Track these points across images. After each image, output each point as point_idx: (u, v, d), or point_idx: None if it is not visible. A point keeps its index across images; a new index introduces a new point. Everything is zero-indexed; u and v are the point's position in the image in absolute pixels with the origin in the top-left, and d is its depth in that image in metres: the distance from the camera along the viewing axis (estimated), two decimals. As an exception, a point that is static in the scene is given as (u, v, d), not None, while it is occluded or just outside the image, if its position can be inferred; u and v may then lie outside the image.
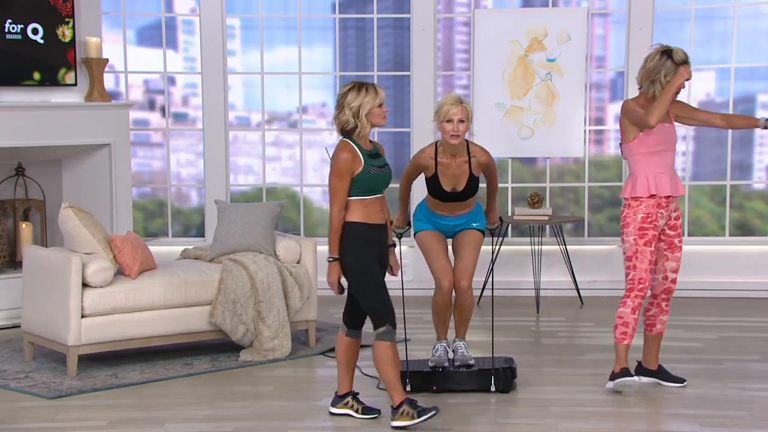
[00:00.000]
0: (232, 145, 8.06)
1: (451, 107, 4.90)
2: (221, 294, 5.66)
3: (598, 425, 4.41)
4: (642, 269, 4.86)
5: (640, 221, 4.85)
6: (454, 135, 4.90)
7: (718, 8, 7.70)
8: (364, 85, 4.32)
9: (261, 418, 4.58)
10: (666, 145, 4.89)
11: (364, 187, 4.32)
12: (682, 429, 4.45)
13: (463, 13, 7.97)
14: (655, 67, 4.83)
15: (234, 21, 8.09)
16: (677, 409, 4.71)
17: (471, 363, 5.05)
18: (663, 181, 4.86)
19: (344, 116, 4.31)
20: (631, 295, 4.88)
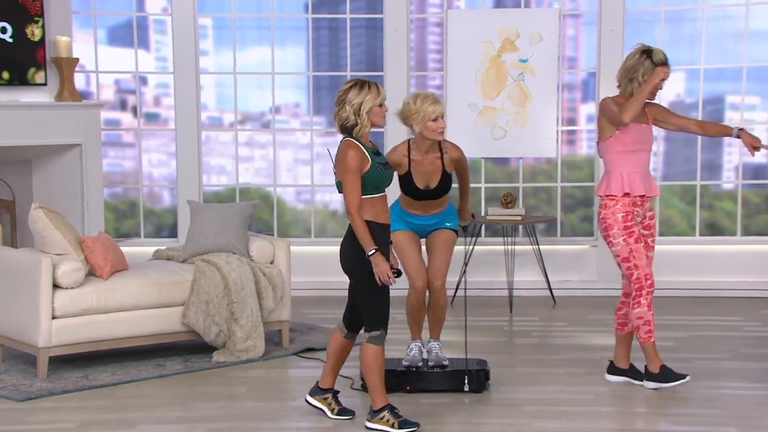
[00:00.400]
0: (204, 146, 8.02)
1: (432, 106, 4.92)
2: (194, 295, 5.62)
3: (570, 424, 4.42)
4: (642, 266, 4.88)
5: (622, 220, 4.87)
6: (441, 132, 4.95)
7: (687, 10, 7.76)
8: (367, 83, 4.27)
9: (234, 419, 4.55)
10: (642, 145, 4.91)
11: (372, 186, 4.27)
12: (653, 427, 4.48)
13: (436, 13, 7.97)
14: (633, 66, 4.86)
15: (206, 21, 8.04)
16: (649, 407, 4.73)
17: (445, 363, 5.05)
18: (637, 180, 4.89)
19: (345, 113, 4.24)
20: (642, 293, 4.90)
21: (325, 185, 8.15)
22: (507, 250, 7.39)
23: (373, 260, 4.20)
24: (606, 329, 6.42)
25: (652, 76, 4.80)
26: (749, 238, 7.77)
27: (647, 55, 4.84)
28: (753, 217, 7.83)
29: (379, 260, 4.19)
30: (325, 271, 7.94)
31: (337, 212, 8.22)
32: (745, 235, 7.76)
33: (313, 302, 7.47)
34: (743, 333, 6.27)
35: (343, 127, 4.28)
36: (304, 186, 8.15)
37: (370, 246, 4.20)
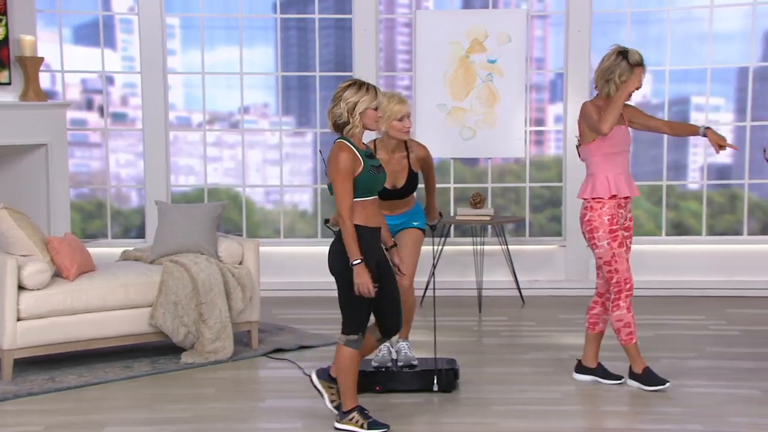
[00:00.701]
0: (172, 146, 7.96)
1: (398, 106, 4.93)
2: (162, 295, 5.58)
3: (539, 424, 4.43)
4: (623, 270, 4.92)
5: (608, 223, 4.89)
6: (406, 131, 4.96)
7: (653, 12, 7.83)
8: (365, 84, 4.21)
9: (203, 421, 4.52)
10: (622, 147, 4.93)
11: (363, 188, 4.21)
12: (619, 426, 4.50)
13: (405, 14, 7.97)
14: (610, 67, 4.87)
15: (173, 20, 7.99)
16: (615, 406, 4.75)
17: (414, 363, 5.05)
18: (622, 182, 4.91)
19: (339, 110, 4.18)
20: (621, 296, 4.94)
21: (294, 185, 8.13)
22: (476, 251, 7.41)
23: (355, 270, 4.13)
24: (574, 329, 6.46)
25: (628, 83, 4.81)
26: (714, 237, 7.84)
27: (623, 56, 4.85)
28: (717, 217, 7.91)
29: (361, 271, 4.12)
30: (295, 271, 7.95)
31: (307, 212, 8.19)
32: (710, 234, 7.84)
33: (283, 303, 7.44)
34: (708, 332, 6.32)
35: (336, 125, 4.22)
36: (273, 186, 8.12)
37: (356, 255, 4.13)
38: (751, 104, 7.67)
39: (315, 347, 5.98)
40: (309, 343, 6.05)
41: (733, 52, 7.72)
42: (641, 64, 4.85)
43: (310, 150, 8.09)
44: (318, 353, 5.82)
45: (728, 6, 7.66)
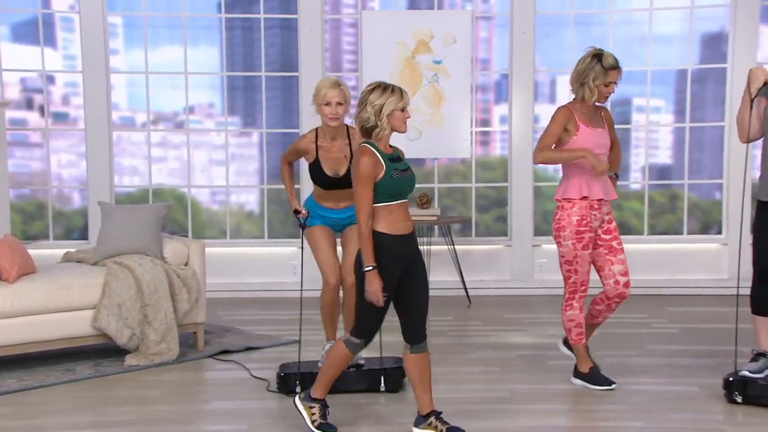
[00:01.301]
0: (116, 146, 7.86)
1: (328, 90, 4.89)
2: (106, 297, 5.49)
3: (486, 423, 4.44)
4: (583, 272, 4.95)
5: (576, 224, 4.90)
6: (333, 117, 4.91)
7: (594, 14, 7.92)
8: (390, 86, 4.12)
9: (148, 424, 4.46)
10: (599, 149, 4.91)
11: (387, 193, 4.06)
12: (564, 424, 4.53)
13: (350, 14, 7.96)
14: (584, 70, 4.87)
15: (116, 19, 7.88)
16: (560, 404, 4.79)
17: (361, 363, 5.03)
18: (595, 184, 4.92)
19: (366, 114, 4.06)
20: (575, 297, 4.99)
21: (240, 186, 8.07)
22: (423, 250, 7.40)
23: (367, 277, 4.00)
24: (520, 328, 6.51)
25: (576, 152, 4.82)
26: (655, 237, 7.96)
27: (598, 59, 4.85)
28: (658, 217, 8.03)
29: (373, 279, 3.99)
30: (241, 272, 7.90)
31: (253, 213, 8.14)
32: (651, 234, 7.95)
33: (229, 304, 7.38)
34: (650, 330, 6.40)
35: (364, 129, 4.10)
36: (219, 187, 8.05)
37: (370, 261, 4.00)
38: (689, 106, 7.80)
39: (261, 348, 5.94)
40: (255, 345, 6.01)
41: (672, 55, 7.85)
42: (616, 67, 4.85)
43: (256, 150, 8.04)
44: (264, 354, 5.78)
45: (667, 9, 7.78)
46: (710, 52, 7.84)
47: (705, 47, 7.87)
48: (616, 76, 4.86)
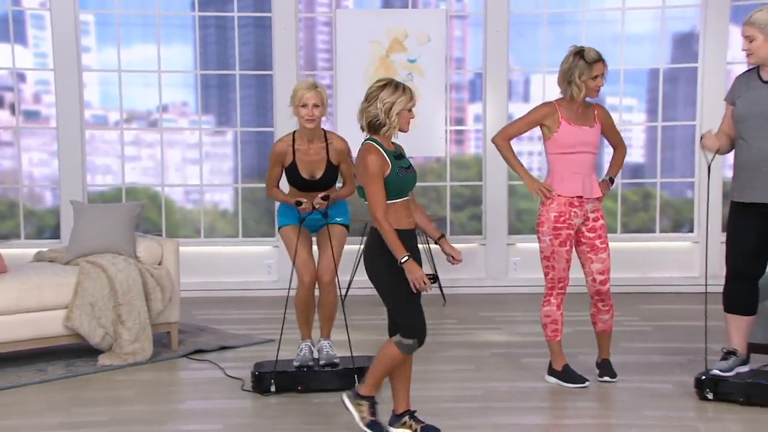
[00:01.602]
0: (89, 144, 7.79)
1: (305, 92, 4.87)
2: (78, 297, 5.45)
3: (461, 421, 4.44)
4: (560, 269, 4.98)
5: (554, 220, 4.93)
6: (309, 119, 4.89)
7: (568, 13, 7.95)
8: (401, 85, 4.04)
9: (121, 424, 4.42)
10: (582, 148, 4.94)
11: (392, 191, 4.01)
12: (538, 421, 4.53)
13: (324, 12, 7.94)
14: (569, 68, 4.89)
15: (88, 17, 7.81)
16: (534, 402, 4.80)
17: (336, 362, 5.03)
18: (575, 181, 4.94)
19: (375, 110, 3.99)
20: (553, 293, 5.02)
21: (214, 185, 8.03)
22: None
23: (405, 268, 3.93)
24: (495, 326, 6.52)
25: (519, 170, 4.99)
26: (629, 235, 8.00)
27: (580, 55, 4.88)
28: (632, 215, 8.07)
29: (412, 267, 3.92)
30: (215, 271, 7.86)
31: (227, 212, 8.10)
32: (624, 232, 7.99)
33: (203, 303, 7.35)
34: (623, 327, 6.42)
35: (371, 125, 4.03)
36: (193, 186, 8.00)
37: (402, 253, 3.93)
38: (661, 105, 7.85)
39: (236, 348, 5.91)
40: (230, 344, 5.98)
41: (644, 54, 7.89)
42: (599, 60, 4.87)
43: (231, 149, 8.00)
44: (239, 353, 5.76)
45: (639, 9, 7.82)
46: (681, 52, 7.90)
47: (676, 47, 7.93)
48: (600, 68, 4.89)
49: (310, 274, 4.97)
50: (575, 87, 4.88)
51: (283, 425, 4.38)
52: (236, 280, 7.85)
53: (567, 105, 4.95)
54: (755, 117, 4.59)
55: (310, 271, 4.98)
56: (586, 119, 4.96)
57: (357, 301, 7.32)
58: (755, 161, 4.59)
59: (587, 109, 4.99)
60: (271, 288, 7.70)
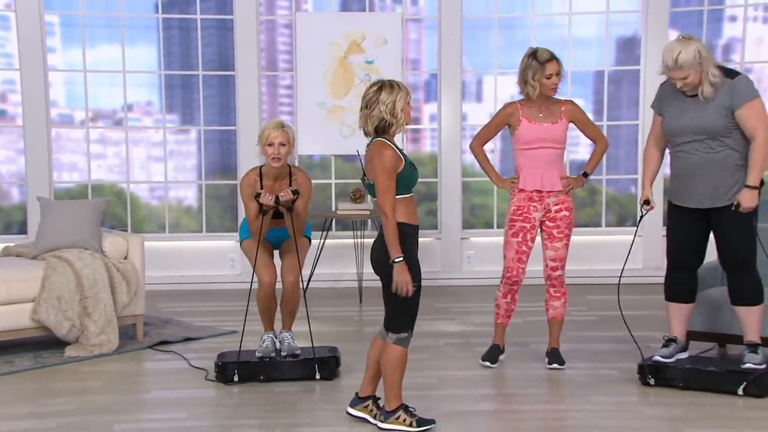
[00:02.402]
0: (55, 143, 7.69)
1: (272, 131, 4.86)
2: (45, 291, 5.38)
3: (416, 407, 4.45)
4: (510, 259, 5.06)
5: (511, 213, 5.06)
6: (276, 158, 4.86)
7: (518, 18, 8.00)
8: (394, 82, 3.99)
9: (88, 413, 4.38)
10: (543, 143, 5.00)
11: (404, 186, 3.96)
12: (489, 408, 4.54)
13: (285, 15, 7.91)
14: (524, 69, 4.96)
15: (53, 18, 7.70)
16: (486, 389, 4.83)
17: (297, 352, 5.02)
18: (534, 176, 5.00)
19: (379, 113, 3.93)
20: (502, 281, 5.13)
21: (178, 182, 7.97)
22: (356, 243, 7.42)
23: (396, 268, 3.90)
24: (449, 317, 6.55)
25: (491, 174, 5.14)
26: (576, 229, 8.02)
27: (534, 56, 4.93)
28: (579, 210, 8.13)
29: (402, 269, 3.90)
30: (180, 265, 7.81)
31: (191, 208, 8.05)
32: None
33: (168, 296, 7.30)
34: (571, 317, 6.46)
35: (378, 128, 3.96)
36: (157, 182, 7.94)
37: (398, 253, 3.89)
38: (607, 105, 7.94)
39: (200, 339, 5.88)
40: (194, 335, 5.95)
41: (590, 57, 7.97)
42: (551, 59, 4.92)
43: (194, 147, 7.95)
44: (203, 345, 5.73)
45: (584, 14, 7.90)
46: (625, 55, 7.99)
47: (620, 50, 8.01)
48: (553, 68, 4.93)
49: (270, 275, 4.96)
50: (530, 86, 4.94)
51: (245, 413, 4.37)
52: (200, 274, 7.81)
53: (529, 103, 5.01)
54: (684, 130, 4.62)
55: (270, 272, 4.96)
56: (549, 116, 5.01)
57: (318, 294, 7.32)
58: (690, 170, 4.64)
59: (553, 106, 5.04)
60: (234, 281, 7.67)
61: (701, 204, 4.65)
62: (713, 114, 4.53)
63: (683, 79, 4.52)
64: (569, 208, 5.11)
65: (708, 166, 4.58)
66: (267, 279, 4.95)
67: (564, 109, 5.06)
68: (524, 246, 5.05)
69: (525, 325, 6.17)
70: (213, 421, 4.29)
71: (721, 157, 4.57)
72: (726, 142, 4.55)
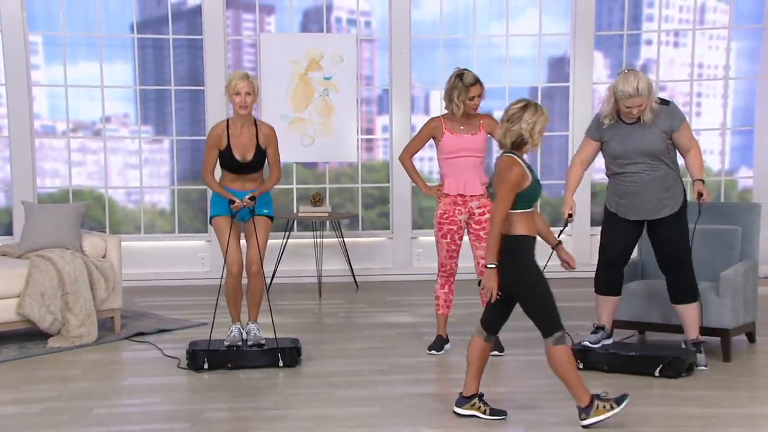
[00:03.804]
0: (38, 151, 7.58)
1: (239, 81, 4.83)
2: (29, 287, 5.30)
3: (371, 391, 4.47)
4: (442, 256, 5.14)
5: (439, 217, 5.09)
6: (242, 106, 4.84)
7: (461, 38, 8.05)
8: (538, 106, 3.88)
9: (69, 399, 4.32)
10: (464, 153, 5.02)
11: (527, 200, 3.87)
12: (434, 391, 4.56)
13: (250, 36, 7.88)
14: (451, 89, 4.98)
15: (36, 37, 7.59)
16: (433, 374, 4.85)
17: (262, 342, 5.00)
18: (457, 182, 5.03)
19: (519, 129, 3.82)
20: (439, 274, 5.20)
21: (153, 187, 7.90)
22: (316, 243, 7.41)
23: (487, 273, 3.82)
24: (400, 309, 6.57)
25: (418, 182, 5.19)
26: (514, 228, 8.13)
27: (460, 78, 4.95)
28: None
29: (492, 276, 3.80)
30: (154, 263, 7.74)
31: (165, 211, 7.97)
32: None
33: (143, 291, 7.22)
34: (510, 307, 6.54)
35: (515, 143, 3.85)
36: (133, 188, 7.85)
37: (493, 259, 3.80)
38: (542, 118, 8.01)
39: (173, 330, 5.84)
40: (167, 327, 5.90)
41: (525, 74, 8.05)
42: (475, 84, 4.94)
43: (167, 155, 7.88)
44: (175, 336, 5.68)
45: (520, 35, 7.98)
46: (556, 73, 8.08)
47: (551, 68, 8.11)
48: (476, 91, 4.96)
49: (238, 265, 4.93)
50: (455, 105, 4.98)
51: (215, 398, 4.35)
52: (173, 271, 7.74)
53: (451, 117, 5.04)
54: (630, 153, 4.70)
55: (238, 262, 4.94)
56: (469, 128, 5.05)
57: (280, 289, 7.30)
58: (638, 188, 4.72)
59: (473, 119, 5.07)
60: (204, 278, 7.62)
61: (650, 216, 4.73)
62: (656, 137, 4.64)
63: (639, 106, 4.59)
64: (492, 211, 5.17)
65: (653, 182, 4.68)
66: (235, 269, 4.93)
67: (482, 122, 5.10)
68: (453, 245, 5.11)
69: (467, 317, 6.20)
70: (185, 405, 4.26)
71: (661, 174, 4.69)
72: (664, 161, 4.69)
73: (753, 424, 3.88)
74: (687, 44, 7.95)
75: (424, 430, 3.86)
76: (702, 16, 7.97)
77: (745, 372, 4.69)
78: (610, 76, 8.02)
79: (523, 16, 7.97)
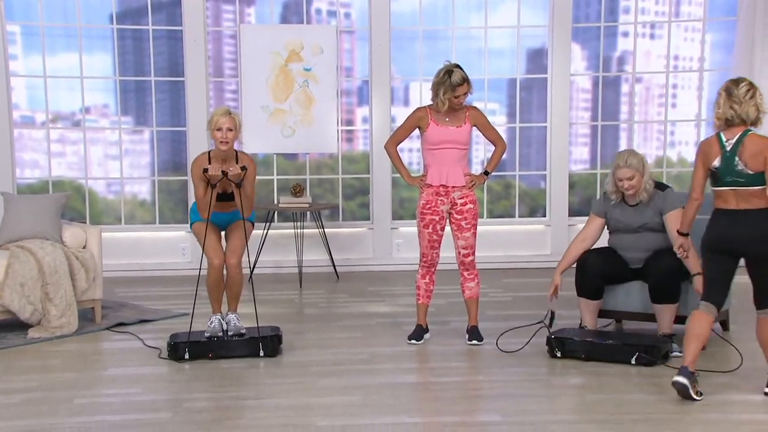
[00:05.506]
0: (17, 142, 7.50)
1: (220, 117, 4.83)
2: (9, 278, 5.25)
3: (350, 380, 4.48)
4: (424, 246, 5.14)
5: (421, 207, 5.10)
6: (224, 141, 4.83)
7: (440, 30, 8.04)
8: None
9: (50, 389, 4.30)
10: (448, 144, 5.02)
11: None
12: (414, 380, 4.57)
13: (230, 27, 7.83)
14: (438, 84, 4.96)
15: (14, 27, 7.50)
16: (412, 363, 4.86)
17: (243, 332, 4.99)
18: (440, 173, 5.03)
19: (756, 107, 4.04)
20: (420, 264, 5.20)
21: (133, 177, 7.84)
22: (297, 233, 7.40)
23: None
24: (380, 299, 6.58)
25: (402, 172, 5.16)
26: (493, 219, 8.17)
27: (448, 75, 4.92)
28: (495, 203, 8.25)
29: None
30: (135, 253, 7.70)
31: (145, 201, 7.92)
32: (490, 217, 8.17)
33: (124, 282, 7.18)
34: (489, 298, 6.57)
35: (757, 118, 4.04)
36: (114, 178, 7.79)
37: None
38: (519, 109, 8.05)
39: (154, 321, 5.81)
40: (148, 318, 5.87)
41: (504, 66, 8.06)
42: (461, 84, 4.91)
43: (148, 146, 7.82)
44: (156, 326, 5.66)
45: (498, 27, 7.98)
46: (534, 65, 8.10)
47: (530, 60, 8.12)
48: (463, 90, 4.95)
49: (219, 257, 4.92)
50: (440, 101, 4.97)
51: (196, 388, 4.34)
52: (154, 262, 7.71)
53: (437, 108, 5.03)
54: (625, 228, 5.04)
55: (219, 255, 4.92)
56: (455, 120, 5.04)
57: (261, 279, 7.28)
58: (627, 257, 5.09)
59: (458, 111, 5.06)
60: (184, 268, 7.59)
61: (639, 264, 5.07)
62: (650, 215, 4.96)
63: (629, 179, 4.88)
64: (473, 201, 5.15)
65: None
66: (216, 261, 4.91)
67: (468, 114, 5.09)
68: (435, 235, 5.12)
69: (447, 306, 6.23)
70: (166, 395, 4.24)
71: None
72: None
73: (726, 411, 3.93)
74: (663, 36, 8.00)
75: (404, 418, 3.87)
76: (677, 9, 8.01)
77: (718, 359, 4.74)
78: (588, 68, 8.06)
79: (501, 7, 7.98)
